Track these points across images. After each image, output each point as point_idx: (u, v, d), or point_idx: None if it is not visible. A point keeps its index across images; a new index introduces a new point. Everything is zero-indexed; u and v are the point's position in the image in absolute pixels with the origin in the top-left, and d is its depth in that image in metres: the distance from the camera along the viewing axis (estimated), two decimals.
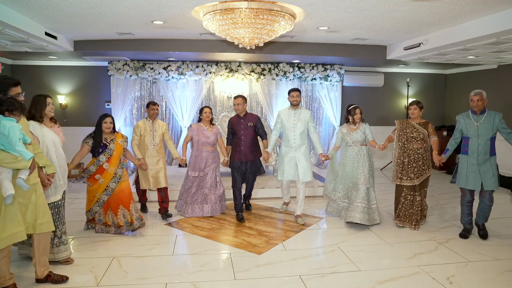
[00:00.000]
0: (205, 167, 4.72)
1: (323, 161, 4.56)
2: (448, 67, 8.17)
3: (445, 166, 8.28)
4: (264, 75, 7.64)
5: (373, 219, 4.40)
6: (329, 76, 7.80)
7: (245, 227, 4.49)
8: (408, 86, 8.20)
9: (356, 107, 4.53)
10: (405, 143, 4.27)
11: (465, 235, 4.12)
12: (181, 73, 7.40)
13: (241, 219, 4.68)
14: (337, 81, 7.94)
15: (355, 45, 6.44)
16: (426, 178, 4.27)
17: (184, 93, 7.59)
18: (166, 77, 7.43)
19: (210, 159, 4.75)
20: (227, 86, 7.73)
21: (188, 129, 7.49)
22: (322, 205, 5.35)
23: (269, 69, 7.62)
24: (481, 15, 4.33)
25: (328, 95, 8.01)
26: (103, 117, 4.08)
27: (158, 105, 4.74)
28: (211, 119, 4.82)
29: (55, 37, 5.30)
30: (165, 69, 7.37)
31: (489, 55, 5.95)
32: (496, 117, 3.83)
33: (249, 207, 5.14)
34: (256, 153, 4.76)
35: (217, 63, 7.49)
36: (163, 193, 4.73)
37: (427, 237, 4.16)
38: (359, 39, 5.94)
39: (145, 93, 7.70)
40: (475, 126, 3.88)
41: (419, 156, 4.23)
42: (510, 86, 6.88)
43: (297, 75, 7.75)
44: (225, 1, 3.77)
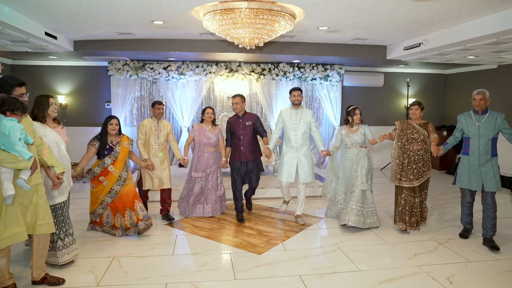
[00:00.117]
0: (207, 168, 4.71)
1: (324, 156, 4.47)
2: (448, 67, 8.17)
3: (445, 166, 8.29)
4: (264, 75, 7.64)
5: (371, 222, 4.35)
6: (329, 76, 7.80)
7: (245, 227, 4.49)
8: (408, 86, 8.20)
9: (355, 107, 4.48)
10: (405, 144, 4.22)
11: (465, 235, 4.13)
12: (181, 73, 7.41)
13: (241, 219, 4.68)
14: (337, 81, 7.95)
15: (355, 45, 6.44)
16: (426, 180, 4.21)
17: (184, 93, 7.60)
18: (166, 77, 7.43)
19: (211, 160, 4.73)
20: (227, 86, 7.73)
21: (189, 130, 7.61)
22: (322, 205, 5.35)
23: (269, 69, 7.61)
24: (481, 15, 4.33)
25: (328, 95, 8.01)
26: (108, 119, 4.06)
27: (163, 104, 4.72)
28: (214, 120, 4.81)
29: (55, 37, 5.30)
30: (165, 69, 7.37)
31: (489, 55, 5.95)
32: (498, 117, 3.76)
33: (250, 206, 5.08)
34: (256, 153, 4.70)
35: (217, 63, 7.49)
36: (166, 194, 4.71)
37: (427, 237, 4.16)
38: (359, 39, 5.94)
39: (145, 93, 7.70)
40: (476, 126, 3.82)
41: (419, 157, 4.17)
42: (510, 86, 6.88)
43: (297, 75, 7.75)
44: (225, 1, 3.77)
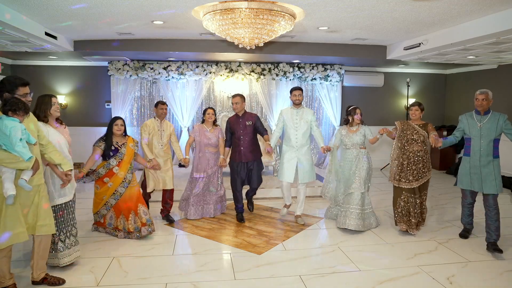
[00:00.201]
0: (208, 168, 4.67)
1: (324, 151, 4.38)
2: (448, 67, 8.17)
3: (445, 166, 8.30)
4: (264, 75, 7.64)
5: (368, 224, 4.35)
6: (329, 76, 7.80)
7: (245, 227, 4.49)
8: (408, 86, 8.20)
9: (356, 107, 4.44)
10: (405, 144, 4.18)
11: (465, 235, 4.13)
12: (181, 73, 7.41)
13: (241, 219, 4.67)
14: (337, 81, 7.95)
15: (355, 45, 6.44)
16: (426, 181, 4.17)
17: (184, 93, 7.60)
18: (166, 77, 7.43)
19: (212, 160, 4.69)
20: (227, 86, 7.73)
21: (189, 130, 7.61)
22: (322, 205, 5.35)
23: (269, 69, 7.61)
24: (481, 15, 4.33)
25: (328, 95, 8.01)
26: (113, 120, 4.05)
27: (166, 104, 4.68)
28: (215, 121, 4.78)
29: (55, 37, 5.30)
30: (165, 69, 7.37)
31: (489, 55, 5.95)
32: (500, 118, 3.70)
33: (251, 207, 5.01)
34: (256, 153, 4.68)
35: (217, 63, 7.49)
36: (168, 195, 4.67)
37: (427, 237, 4.16)
38: (359, 39, 5.94)
39: (145, 93, 7.70)
40: (478, 126, 3.77)
41: (419, 158, 4.12)
42: (510, 86, 6.88)
43: (297, 75, 7.75)
44: (225, 1, 3.77)
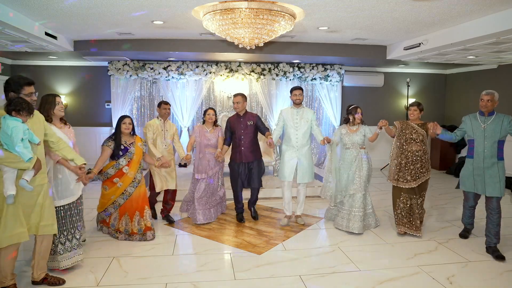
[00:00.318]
0: (208, 170, 4.60)
1: (323, 142, 4.31)
2: (448, 67, 8.17)
3: (445, 166, 8.29)
4: (264, 75, 7.64)
5: (367, 224, 4.35)
6: (329, 76, 7.80)
7: (245, 227, 4.49)
8: (408, 86, 8.21)
9: (357, 106, 4.42)
10: (404, 144, 4.17)
11: (465, 235, 4.13)
12: (181, 73, 7.40)
13: (241, 219, 4.67)
14: (337, 81, 7.95)
15: (355, 45, 6.44)
16: (424, 181, 4.13)
17: (184, 93, 7.59)
18: (166, 77, 7.43)
19: (212, 161, 4.61)
20: (227, 86, 7.73)
21: (189, 130, 7.61)
22: (322, 205, 5.35)
23: (269, 69, 7.61)
24: (481, 15, 4.33)
25: (328, 95, 8.01)
26: (121, 118, 4.01)
27: (169, 104, 4.66)
28: (215, 121, 4.73)
29: (55, 37, 5.30)
30: (165, 69, 7.37)
31: (489, 55, 5.95)
32: (505, 119, 3.66)
33: (255, 216, 4.78)
34: (256, 153, 4.65)
35: (217, 63, 7.49)
36: (170, 196, 4.64)
37: (427, 237, 4.16)
38: (359, 39, 5.94)
39: (145, 93, 7.70)
40: (481, 127, 3.73)
41: (418, 158, 4.10)
42: (510, 86, 6.88)
43: (297, 75, 7.75)
44: (225, 1, 3.77)
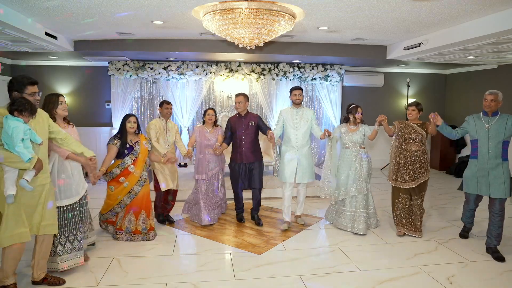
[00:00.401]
0: (208, 170, 4.56)
1: (324, 134, 4.25)
2: (448, 67, 8.17)
3: (445, 166, 8.29)
4: (264, 75, 7.64)
5: (369, 224, 4.35)
6: (329, 76, 7.80)
7: (245, 227, 4.49)
8: (408, 86, 8.21)
9: (357, 106, 4.40)
10: (403, 143, 4.15)
11: (464, 235, 4.12)
12: (181, 73, 7.41)
13: (241, 219, 4.67)
14: (337, 81, 7.95)
15: (355, 45, 6.44)
16: (423, 182, 4.10)
17: (184, 93, 7.59)
18: (166, 77, 7.43)
19: (212, 162, 4.58)
20: (227, 86, 7.73)
21: (189, 130, 7.61)
22: (322, 205, 5.35)
23: (269, 69, 7.61)
24: (481, 15, 4.33)
25: (328, 95, 8.01)
26: (126, 117, 3.96)
27: (171, 104, 4.64)
28: (215, 121, 4.70)
29: (55, 37, 5.30)
30: (165, 69, 7.37)
31: (489, 55, 5.95)
32: (509, 119, 3.63)
33: (259, 222, 4.59)
34: (257, 154, 4.59)
35: (217, 63, 7.49)
36: (171, 196, 4.61)
37: (427, 237, 4.16)
38: (359, 39, 5.94)
39: (145, 93, 7.69)
40: (485, 127, 3.69)
41: (416, 158, 4.07)
42: (510, 86, 6.88)
43: (297, 75, 7.75)
44: (225, 1, 3.77)
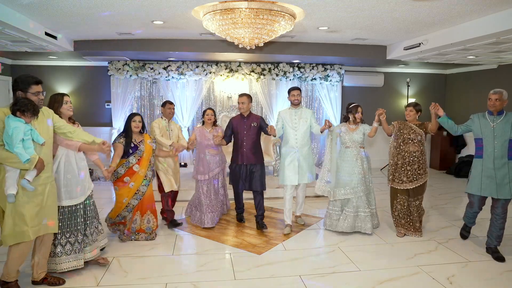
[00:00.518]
0: (209, 171, 4.51)
1: (324, 126, 4.21)
2: (448, 67, 8.17)
3: (445, 166, 8.29)
4: (264, 75, 7.64)
5: (373, 223, 4.33)
6: (329, 76, 7.80)
7: (245, 227, 4.49)
8: (408, 86, 8.21)
9: (358, 105, 4.34)
10: (401, 144, 4.12)
11: (464, 235, 4.09)
12: (181, 73, 7.41)
13: (241, 219, 4.67)
14: (337, 81, 7.95)
15: (355, 45, 6.44)
16: (422, 184, 4.05)
17: (184, 93, 7.59)
18: (166, 77, 7.43)
19: (212, 163, 4.53)
20: (227, 86, 7.73)
21: (189, 130, 7.60)
22: (322, 205, 5.35)
23: (269, 69, 7.61)
24: (481, 15, 4.33)
25: (328, 95, 8.01)
26: (131, 116, 3.90)
27: (174, 104, 4.62)
28: (215, 121, 4.66)
29: (55, 37, 5.30)
30: (165, 69, 7.37)
31: (489, 55, 5.95)
32: None
33: (263, 226, 4.41)
34: (258, 156, 4.50)
35: (217, 63, 7.49)
36: (172, 196, 4.55)
37: (427, 237, 4.16)
38: (359, 39, 5.94)
39: (145, 93, 7.70)
40: (491, 126, 3.64)
41: (415, 159, 4.04)
42: (510, 86, 6.85)
43: (297, 75, 7.75)
44: (225, 1, 3.78)
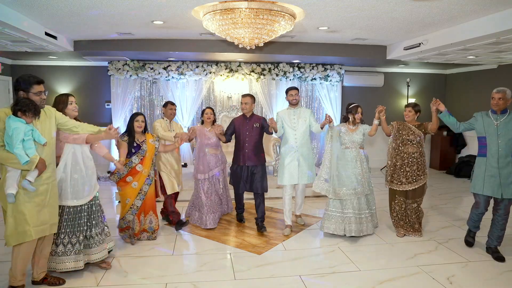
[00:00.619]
0: (209, 171, 4.49)
1: (324, 121, 4.17)
2: (448, 67, 8.17)
3: (445, 166, 8.28)
4: (264, 75, 7.64)
5: (374, 224, 4.33)
6: (329, 76, 7.80)
7: (245, 227, 4.49)
8: (408, 86, 8.21)
9: (358, 105, 4.30)
10: (400, 145, 4.10)
11: (470, 241, 3.90)
12: (181, 73, 7.41)
13: (241, 219, 4.67)
14: (337, 81, 7.95)
15: (355, 45, 6.44)
16: (421, 185, 4.03)
17: (184, 93, 7.59)
18: (166, 77, 7.43)
19: (212, 162, 4.51)
20: (227, 86, 7.73)
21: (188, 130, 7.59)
22: (322, 205, 5.34)
23: (269, 69, 7.61)
24: (481, 15, 4.33)
25: (328, 95, 8.01)
26: (134, 116, 3.87)
27: (175, 105, 4.60)
28: (214, 121, 4.64)
29: (55, 37, 5.30)
30: (165, 69, 7.37)
31: (489, 55, 5.95)
32: None
33: (262, 228, 4.37)
34: (260, 157, 4.47)
35: (217, 63, 7.49)
36: (173, 198, 4.52)
37: (427, 237, 4.16)
38: (359, 39, 5.94)
39: (145, 93, 7.70)
40: (494, 124, 3.63)
41: (414, 160, 4.02)
42: (510, 86, 6.79)
43: (297, 75, 7.75)
44: (225, 1, 3.78)
